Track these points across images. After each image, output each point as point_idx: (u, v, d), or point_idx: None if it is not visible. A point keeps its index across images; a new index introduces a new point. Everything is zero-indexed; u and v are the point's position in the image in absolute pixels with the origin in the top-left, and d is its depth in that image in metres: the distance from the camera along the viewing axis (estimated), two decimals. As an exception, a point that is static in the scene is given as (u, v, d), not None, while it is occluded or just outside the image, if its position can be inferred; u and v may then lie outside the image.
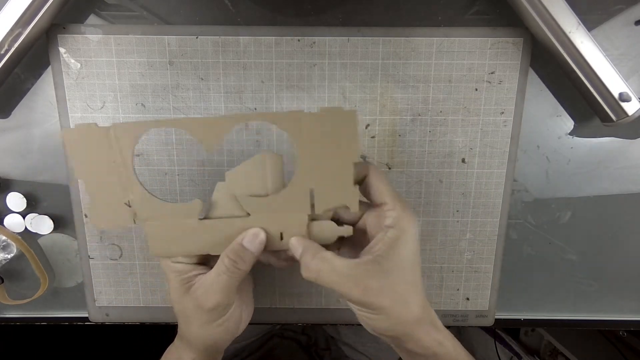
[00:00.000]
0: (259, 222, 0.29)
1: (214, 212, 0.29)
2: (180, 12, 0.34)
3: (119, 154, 0.27)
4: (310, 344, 0.71)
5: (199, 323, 0.30)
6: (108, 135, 0.26)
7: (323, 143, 0.27)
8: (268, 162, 0.28)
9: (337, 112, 0.26)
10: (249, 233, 0.28)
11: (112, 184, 0.28)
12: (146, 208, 0.28)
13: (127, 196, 0.28)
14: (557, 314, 0.42)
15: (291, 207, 0.28)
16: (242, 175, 0.28)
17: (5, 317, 0.41)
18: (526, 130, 0.37)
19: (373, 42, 0.34)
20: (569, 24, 0.31)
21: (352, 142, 0.27)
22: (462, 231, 0.38)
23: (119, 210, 0.28)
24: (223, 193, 0.28)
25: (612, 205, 0.39)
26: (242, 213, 0.29)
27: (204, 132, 0.27)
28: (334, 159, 0.27)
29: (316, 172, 0.28)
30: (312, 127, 0.26)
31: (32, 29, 0.31)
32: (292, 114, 0.26)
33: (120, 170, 0.27)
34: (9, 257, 0.38)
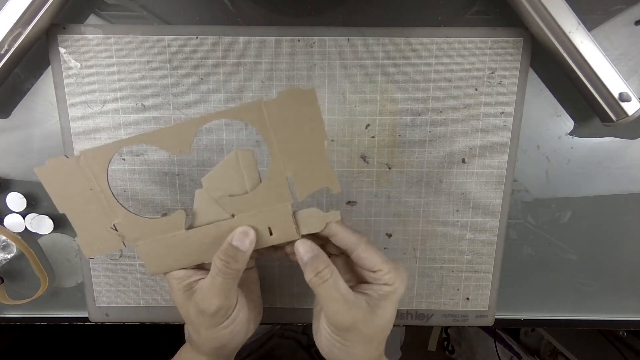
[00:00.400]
0: (245, 220, 0.29)
1: (199, 219, 0.29)
2: (180, 12, 0.34)
3: (94, 180, 0.27)
4: (310, 344, 0.71)
5: (204, 327, 0.30)
6: (79, 164, 0.26)
7: (290, 128, 0.26)
8: (241, 160, 0.27)
9: (295, 92, 0.26)
10: (237, 232, 0.28)
11: (95, 212, 0.28)
12: (133, 229, 0.28)
13: (111, 220, 0.28)
14: (557, 314, 0.42)
15: (273, 199, 0.28)
16: (218, 178, 0.28)
17: (5, 317, 0.41)
18: (526, 130, 0.37)
19: (373, 42, 0.34)
20: (569, 24, 0.31)
21: (317, 121, 0.26)
22: (462, 231, 0.38)
23: (106, 236, 0.28)
24: (203, 200, 0.28)
25: (612, 205, 0.39)
26: (227, 215, 0.28)
27: (168, 141, 0.26)
28: (304, 142, 0.27)
29: (289, 159, 0.27)
30: (276, 114, 0.26)
31: (32, 29, 0.31)
32: (252, 105, 0.26)
33: (99, 197, 0.27)
34: (9, 257, 0.38)
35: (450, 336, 1.15)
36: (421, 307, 0.40)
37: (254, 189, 0.28)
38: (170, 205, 0.37)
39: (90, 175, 0.27)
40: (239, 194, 0.28)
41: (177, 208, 0.37)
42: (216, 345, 0.31)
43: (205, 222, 0.29)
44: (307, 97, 0.26)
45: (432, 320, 0.41)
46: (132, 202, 0.37)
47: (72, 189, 0.27)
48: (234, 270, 0.28)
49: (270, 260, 0.39)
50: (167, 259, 0.29)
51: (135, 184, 0.36)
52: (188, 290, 0.29)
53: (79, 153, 0.26)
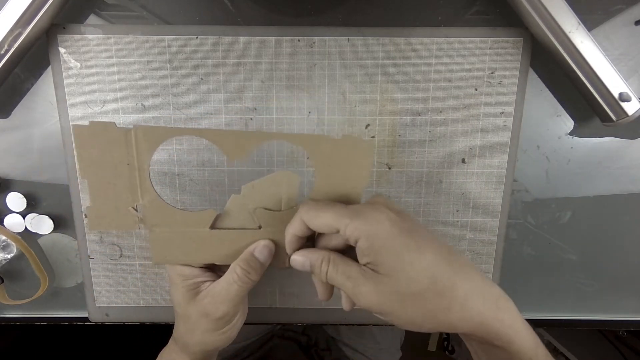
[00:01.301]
0: (269, 234, 0.30)
1: (225, 222, 0.29)
2: (180, 12, 0.34)
3: (136, 156, 0.27)
4: (310, 344, 0.71)
5: (202, 330, 0.30)
6: (128, 136, 0.27)
7: (339, 167, 0.29)
8: (285, 181, 0.29)
9: (356, 141, 0.29)
10: (260, 244, 0.29)
11: (121, 187, 0.27)
12: (156, 214, 0.29)
13: (135, 200, 0.28)
14: (557, 314, 0.42)
15: None
16: (258, 189, 0.29)
17: (5, 317, 0.41)
18: (526, 130, 0.37)
19: (373, 42, 0.34)
20: (569, 24, 0.31)
21: (366, 170, 0.29)
22: (462, 231, 0.38)
23: (123, 213, 0.28)
24: (236, 205, 0.29)
25: (612, 205, 0.39)
26: (254, 225, 0.29)
27: (229, 144, 0.28)
28: (346, 183, 0.29)
29: (329, 193, 0.29)
30: (331, 152, 0.28)
31: (32, 29, 0.31)
32: (315, 137, 0.28)
33: (133, 174, 0.27)
34: (9, 257, 0.38)
35: (450, 336, 1.15)
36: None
37: (289, 209, 0.29)
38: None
39: (133, 151, 0.27)
40: (273, 209, 0.29)
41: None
42: (208, 349, 0.31)
43: (231, 226, 0.30)
44: (365, 147, 0.29)
45: (432, 320, 0.41)
46: (132, 202, 0.37)
47: (107, 157, 0.27)
48: (252, 280, 0.28)
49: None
50: (178, 251, 0.29)
51: (135, 184, 0.36)
52: (192, 290, 0.29)
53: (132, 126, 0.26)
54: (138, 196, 0.28)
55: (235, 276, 0.28)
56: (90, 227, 0.29)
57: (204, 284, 0.29)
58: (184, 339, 0.31)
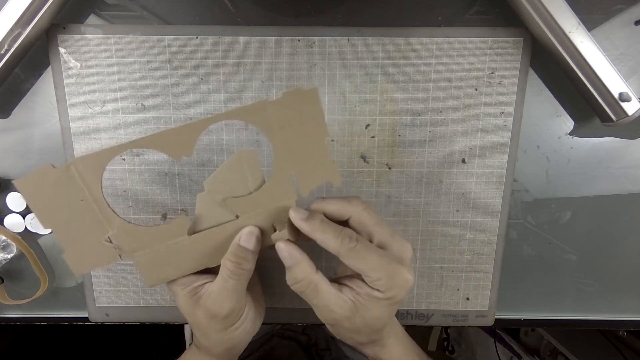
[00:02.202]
0: (249, 221, 0.28)
1: (202, 224, 0.28)
2: (180, 12, 0.34)
3: (86, 190, 0.25)
4: (310, 344, 0.71)
5: (214, 331, 0.29)
6: (68, 173, 0.24)
7: (292, 127, 0.27)
8: (244, 160, 0.27)
9: (298, 93, 0.26)
10: (243, 233, 0.28)
11: (86, 224, 0.26)
12: (130, 239, 0.27)
13: (105, 232, 0.26)
14: (557, 314, 0.42)
15: (277, 197, 0.28)
16: (221, 180, 0.27)
17: (5, 317, 0.41)
18: (526, 130, 0.37)
19: (373, 42, 0.34)
20: (569, 24, 0.31)
21: (319, 119, 0.27)
22: (462, 231, 0.38)
23: (99, 249, 0.27)
24: (206, 203, 0.28)
25: (612, 205, 0.39)
26: (231, 217, 0.28)
27: (170, 145, 0.25)
28: (306, 140, 0.27)
29: (293, 157, 0.27)
30: (279, 114, 0.26)
31: (32, 29, 0.31)
32: (256, 105, 0.26)
33: (91, 208, 0.25)
34: (9, 257, 0.38)
35: (450, 336, 1.15)
36: (421, 307, 0.40)
37: (258, 188, 0.28)
38: (170, 205, 0.37)
39: (81, 185, 0.25)
40: (243, 194, 0.28)
41: (178, 210, 0.37)
42: (227, 347, 0.31)
43: (208, 225, 0.28)
44: (310, 96, 0.26)
45: (432, 320, 0.41)
46: (132, 202, 0.37)
47: (60, 201, 0.25)
48: (246, 270, 0.28)
49: (270, 261, 0.39)
50: (168, 267, 0.28)
51: (135, 184, 0.36)
52: (194, 296, 0.29)
53: (68, 161, 0.24)
54: (106, 227, 0.26)
55: (227, 271, 0.27)
56: (76, 273, 0.27)
57: (203, 286, 0.29)
58: (203, 343, 0.31)
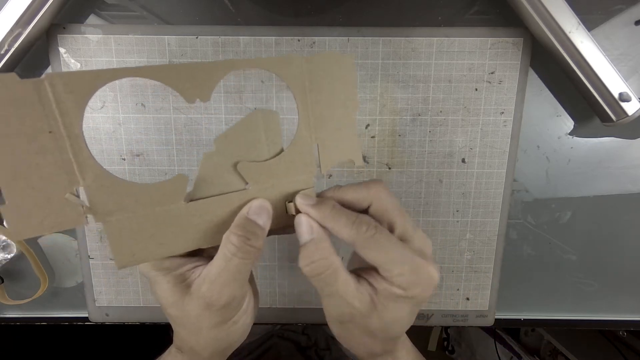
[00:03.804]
0: (260, 193, 0.24)
1: (203, 190, 0.22)
2: (180, 12, 0.34)
3: (60, 120, 0.18)
4: (310, 344, 0.71)
5: (208, 327, 0.24)
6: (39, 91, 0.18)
7: (323, 90, 0.23)
8: (262, 122, 0.23)
9: (334, 57, 0.23)
10: (253, 204, 0.23)
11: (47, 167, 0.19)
12: (107, 197, 0.20)
13: (72, 182, 0.19)
14: (557, 314, 0.42)
15: (295, 170, 0.24)
16: (233, 140, 0.22)
17: (5, 317, 0.41)
18: (526, 130, 0.37)
19: (373, 42, 0.34)
20: (569, 24, 0.31)
21: (352, 89, 0.24)
22: (462, 231, 0.38)
23: (59, 205, 0.19)
24: (212, 165, 0.22)
25: (612, 205, 0.39)
26: (239, 185, 0.23)
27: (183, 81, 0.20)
28: (335, 110, 0.24)
29: (318, 125, 0.24)
30: (314, 74, 0.23)
31: (32, 29, 0.31)
32: (292, 57, 0.22)
33: (61, 145, 0.19)
34: (9, 257, 0.38)
35: (450, 336, 1.15)
36: (421, 307, 0.40)
37: (276, 156, 0.23)
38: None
39: (54, 111, 0.18)
40: (257, 160, 0.23)
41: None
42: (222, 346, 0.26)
43: (210, 193, 0.23)
44: (345, 63, 0.23)
45: (432, 320, 0.41)
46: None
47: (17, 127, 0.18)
48: (255, 248, 0.22)
49: (270, 260, 0.39)
50: (150, 242, 0.22)
51: (135, 184, 0.36)
52: (181, 283, 0.23)
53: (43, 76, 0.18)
54: (76, 175, 0.19)
55: (232, 247, 0.22)
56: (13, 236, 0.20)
57: (192, 271, 0.24)
58: (189, 344, 0.26)
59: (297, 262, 0.27)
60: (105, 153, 0.36)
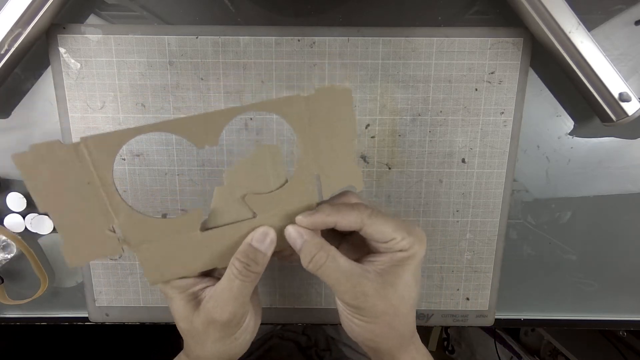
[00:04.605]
0: (267, 220, 0.27)
1: (217, 219, 0.26)
2: (180, 12, 0.34)
3: (95, 173, 0.23)
4: (310, 344, 0.71)
5: (212, 340, 0.27)
6: (77, 152, 0.22)
7: (322, 125, 0.25)
8: (268, 156, 0.25)
9: (331, 90, 0.25)
10: (257, 232, 0.26)
11: (89, 211, 0.24)
12: (138, 230, 0.25)
13: (109, 221, 0.24)
14: (557, 314, 0.42)
15: (298, 198, 0.27)
16: (242, 174, 0.25)
17: (5, 317, 0.41)
18: (526, 130, 0.37)
19: (373, 42, 0.34)
20: (569, 24, 0.31)
21: (350, 120, 0.26)
22: (462, 231, 0.38)
23: (100, 240, 0.24)
24: (223, 197, 0.26)
25: (612, 205, 0.39)
26: (248, 215, 0.26)
27: (194, 131, 0.24)
28: (334, 140, 0.26)
29: (318, 156, 0.26)
30: (310, 109, 0.25)
31: (32, 29, 0.31)
32: (288, 99, 0.24)
33: (98, 193, 0.23)
34: (9, 257, 0.38)
35: (450, 336, 1.15)
36: (421, 307, 0.40)
37: (280, 187, 0.26)
38: (170, 205, 0.37)
39: (90, 167, 0.23)
40: (263, 192, 0.26)
41: (178, 210, 0.36)
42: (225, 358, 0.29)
43: (223, 222, 0.26)
44: (342, 95, 0.25)
45: (432, 320, 0.41)
46: (132, 203, 0.37)
47: (63, 182, 0.23)
48: (254, 273, 0.26)
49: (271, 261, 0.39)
50: (174, 264, 0.26)
51: (135, 184, 0.36)
52: (193, 300, 0.27)
53: (78, 139, 0.22)
54: (111, 216, 0.24)
55: (234, 270, 0.25)
56: (71, 264, 0.24)
57: (203, 290, 0.27)
58: (196, 353, 0.29)
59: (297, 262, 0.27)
60: (105, 153, 0.36)
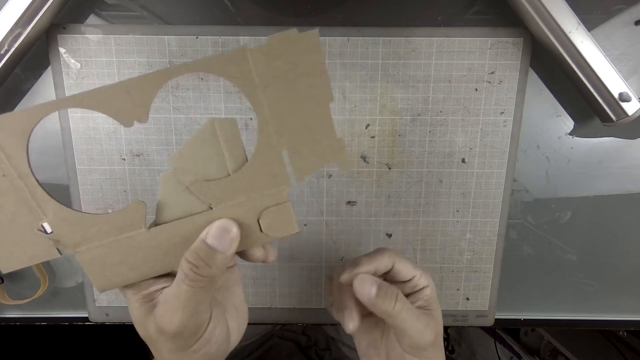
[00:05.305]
0: (226, 212, 0.22)
1: (166, 213, 0.22)
2: (180, 12, 0.34)
3: (7, 162, 0.19)
4: (310, 344, 0.71)
5: (168, 351, 0.23)
6: None
7: (283, 85, 0.20)
8: (220, 131, 0.21)
9: (290, 38, 0.19)
10: (213, 227, 0.21)
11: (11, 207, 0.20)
12: (72, 230, 0.21)
13: (37, 219, 0.20)
14: (557, 314, 0.42)
15: (263, 183, 0.22)
16: (190, 156, 0.21)
17: (5, 317, 0.41)
18: (526, 130, 0.37)
19: (373, 42, 0.34)
20: (569, 24, 0.31)
21: (320, 75, 0.20)
22: (462, 231, 0.38)
23: (32, 241, 0.20)
24: (171, 186, 0.21)
25: (612, 205, 0.39)
26: (202, 206, 0.22)
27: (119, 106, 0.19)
28: (302, 105, 0.20)
29: (284, 128, 0.21)
30: (266, 66, 0.19)
31: (32, 29, 0.31)
32: (235, 53, 0.19)
33: (18, 186, 0.19)
34: (9, 257, 0.38)
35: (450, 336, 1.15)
36: None
37: (239, 169, 0.21)
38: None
39: (1, 155, 0.19)
40: (218, 177, 0.21)
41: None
42: None
43: (174, 216, 0.22)
44: (307, 42, 0.20)
45: (432, 320, 0.41)
46: (132, 202, 0.37)
47: None
48: (206, 277, 0.21)
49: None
50: (122, 268, 0.22)
51: (135, 184, 0.36)
52: (147, 303, 0.23)
53: None
54: (38, 213, 0.20)
55: (182, 274, 0.21)
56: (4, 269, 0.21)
57: (161, 292, 0.23)
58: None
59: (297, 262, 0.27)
60: (105, 153, 0.36)
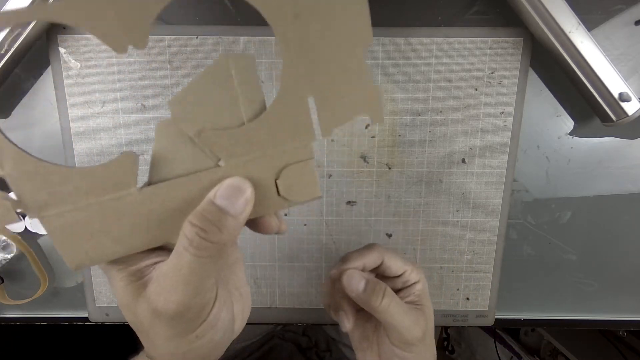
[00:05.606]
0: (238, 170, 0.18)
1: (163, 171, 0.18)
2: (180, 12, 0.34)
3: None
4: (310, 345, 0.71)
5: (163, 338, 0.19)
6: None
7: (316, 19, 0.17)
8: (235, 70, 0.17)
9: None
10: (224, 185, 0.18)
11: None
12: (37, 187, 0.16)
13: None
14: (557, 314, 0.42)
15: (283, 136, 0.18)
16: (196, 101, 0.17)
17: (5, 317, 0.41)
18: (526, 130, 0.37)
19: (373, 42, 0.34)
20: (569, 24, 0.31)
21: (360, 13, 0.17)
22: (462, 231, 0.38)
23: None
24: (170, 137, 0.17)
25: (612, 205, 0.39)
26: (209, 162, 0.18)
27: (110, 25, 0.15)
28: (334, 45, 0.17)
29: (312, 69, 0.17)
30: None
31: (32, 29, 0.31)
32: None
33: None
34: (9, 257, 0.38)
35: (450, 336, 1.15)
36: None
37: (256, 118, 0.18)
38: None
39: None
40: (230, 126, 0.17)
41: None
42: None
43: (173, 174, 0.18)
44: None
45: (432, 320, 0.41)
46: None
47: None
48: (215, 243, 0.17)
49: (271, 260, 0.39)
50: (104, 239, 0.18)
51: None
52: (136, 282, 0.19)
53: None
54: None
55: (184, 241, 0.17)
56: None
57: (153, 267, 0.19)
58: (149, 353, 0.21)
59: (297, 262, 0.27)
60: (105, 153, 0.36)
